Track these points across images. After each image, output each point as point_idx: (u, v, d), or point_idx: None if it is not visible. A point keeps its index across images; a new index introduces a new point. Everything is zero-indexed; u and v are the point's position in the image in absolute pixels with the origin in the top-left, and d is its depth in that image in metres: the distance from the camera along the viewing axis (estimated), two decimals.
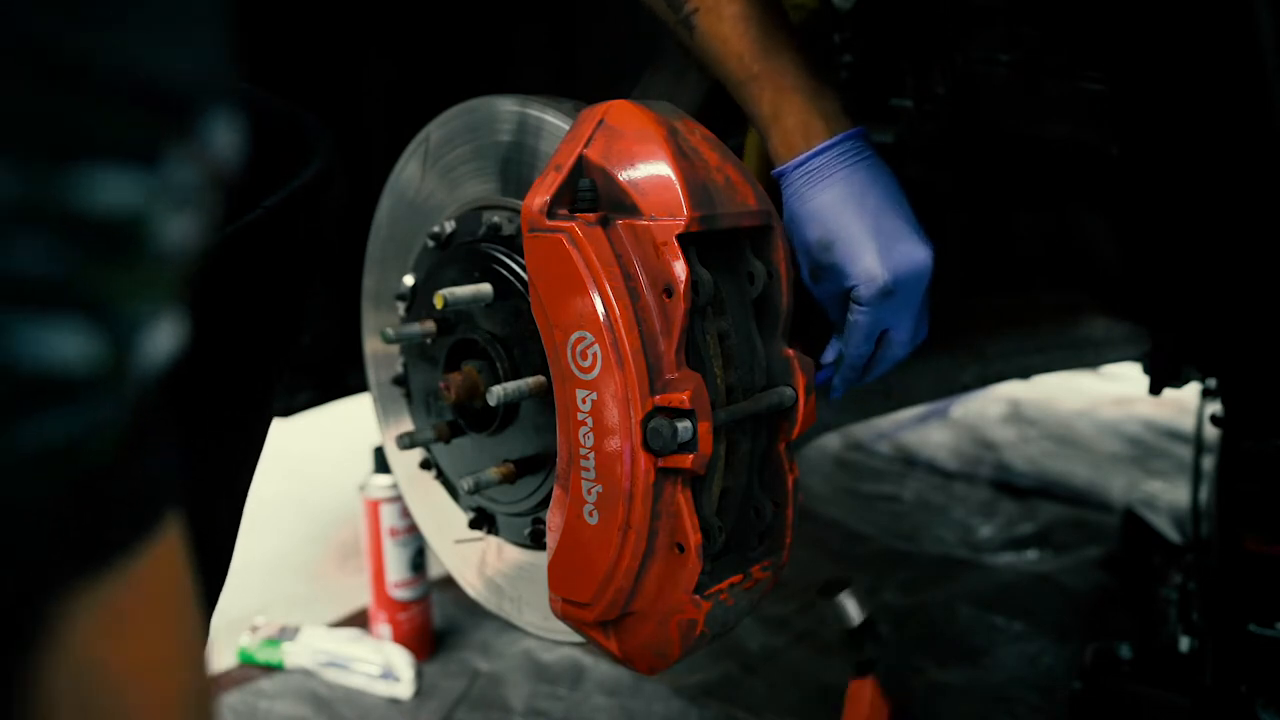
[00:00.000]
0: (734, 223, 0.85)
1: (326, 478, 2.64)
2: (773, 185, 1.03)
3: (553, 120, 0.96)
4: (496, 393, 0.93)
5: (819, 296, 1.00)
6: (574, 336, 0.82)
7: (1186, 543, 2.03)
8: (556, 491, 0.87)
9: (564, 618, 0.89)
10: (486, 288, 0.98)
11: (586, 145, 0.84)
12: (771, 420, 0.91)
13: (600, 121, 0.85)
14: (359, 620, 1.93)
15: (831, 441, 3.08)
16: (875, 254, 0.94)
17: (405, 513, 1.77)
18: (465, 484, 0.99)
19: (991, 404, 3.45)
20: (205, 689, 0.45)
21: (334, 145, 0.83)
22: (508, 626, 1.71)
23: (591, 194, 0.82)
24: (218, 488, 0.83)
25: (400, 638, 1.79)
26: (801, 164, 0.96)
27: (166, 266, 0.32)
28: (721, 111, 1.25)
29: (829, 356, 1.03)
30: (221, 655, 1.82)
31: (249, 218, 0.79)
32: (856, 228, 0.94)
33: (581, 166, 0.85)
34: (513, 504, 1.04)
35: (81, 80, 0.29)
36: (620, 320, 0.79)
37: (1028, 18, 1.27)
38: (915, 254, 0.96)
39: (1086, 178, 1.45)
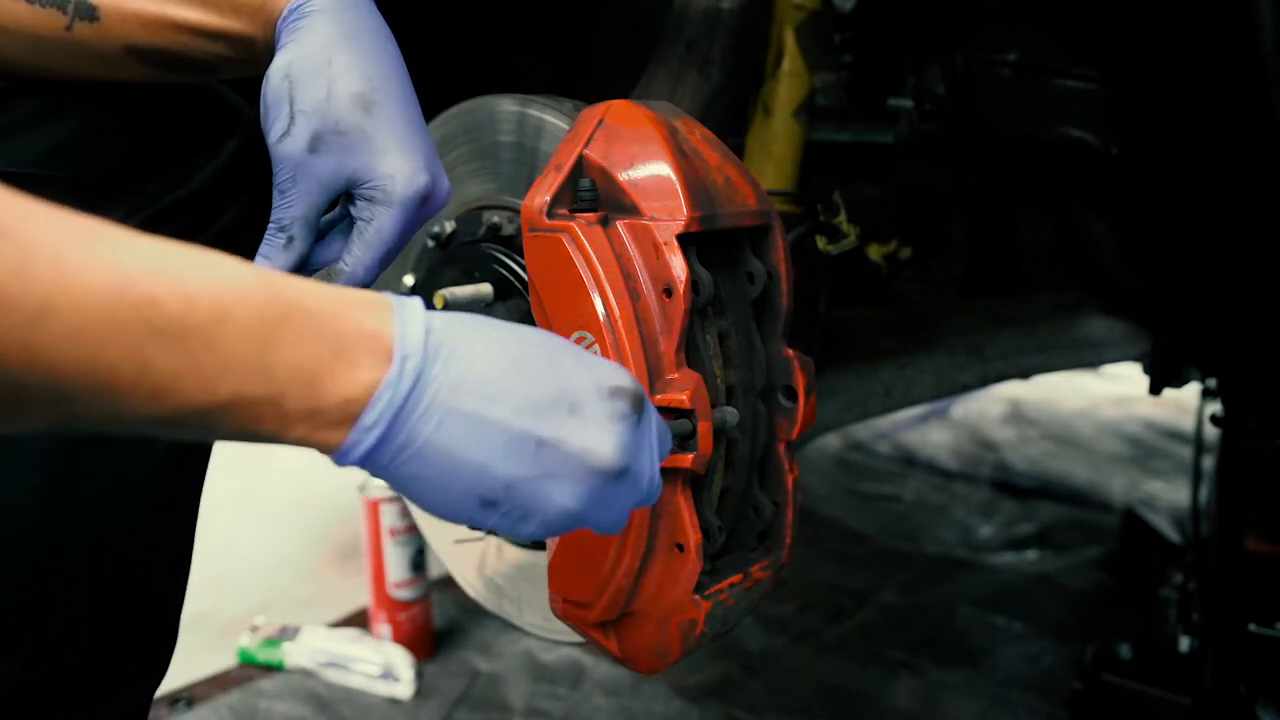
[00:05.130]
0: (734, 223, 0.85)
1: (326, 478, 2.64)
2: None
3: (553, 120, 0.96)
4: None
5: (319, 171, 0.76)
6: (574, 336, 0.82)
7: (1186, 543, 2.04)
8: None
9: (564, 618, 0.89)
10: (486, 288, 0.98)
11: (587, 145, 0.84)
12: (770, 420, 0.91)
13: (600, 121, 0.85)
14: (359, 620, 1.93)
15: (831, 441, 3.08)
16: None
17: (405, 513, 1.77)
18: None
19: (991, 404, 3.45)
20: None
21: (255, 122, 0.82)
22: (508, 626, 1.71)
23: (591, 194, 0.82)
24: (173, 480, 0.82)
25: (400, 638, 1.79)
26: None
27: None
28: (721, 112, 1.25)
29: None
30: (221, 655, 1.82)
31: (167, 199, 0.81)
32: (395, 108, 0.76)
33: (582, 166, 0.85)
34: None
35: None
36: (620, 320, 0.79)
37: (1027, 18, 1.27)
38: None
39: (1086, 178, 1.45)
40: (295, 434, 0.52)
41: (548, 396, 0.58)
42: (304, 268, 0.79)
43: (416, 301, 0.57)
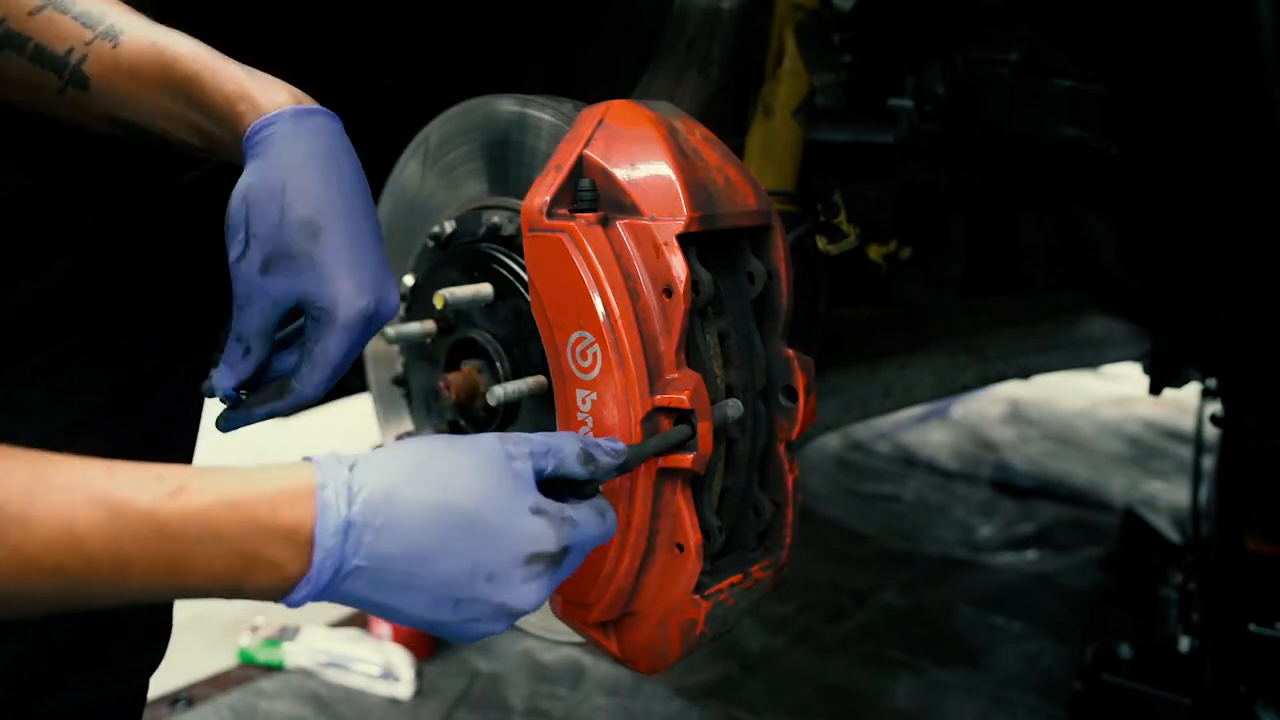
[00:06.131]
0: (734, 223, 0.85)
1: None
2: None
3: (553, 120, 0.96)
4: (497, 393, 0.93)
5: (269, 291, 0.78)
6: (574, 336, 0.82)
7: (1186, 543, 2.04)
8: None
9: (564, 618, 0.89)
10: (486, 288, 0.98)
11: (587, 145, 0.84)
12: (770, 420, 0.91)
13: (600, 121, 0.85)
14: (359, 620, 1.93)
15: (831, 441, 3.08)
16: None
17: None
18: None
19: (991, 404, 3.45)
20: None
21: None
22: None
23: (591, 194, 0.82)
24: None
25: (400, 638, 1.79)
26: (306, 113, 0.78)
27: None
28: (721, 112, 1.25)
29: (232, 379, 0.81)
30: (221, 655, 1.82)
31: (154, 197, 0.86)
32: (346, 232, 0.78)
33: (582, 166, 0.84)
34: None
35: None
36: (620, 320, 0.79)
37: (1027, 18, 1.27)
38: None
39: (1086, 178, 1.45)
40: (231, 598, 0.60)
41: (464, 572, 0.65)
42: (265, 371, 0.83)
43: (339, 477, 0.62)
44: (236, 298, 0.79)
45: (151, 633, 0.90)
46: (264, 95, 0.77)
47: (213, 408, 0.89)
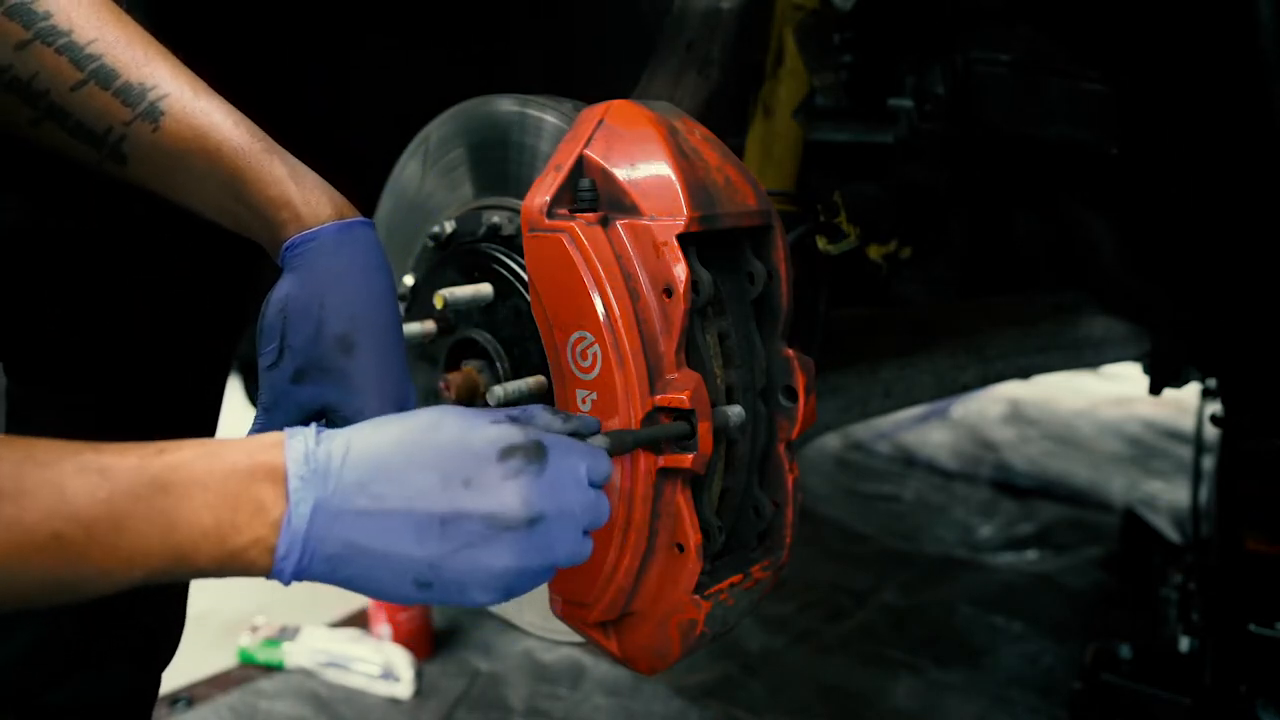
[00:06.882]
0: (734, 223, 0.85)
1: None
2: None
3: (553, 120, 0.96)
4: (496, 393, 0.93)
5: (293, 394, 0.81)
6: (574, 336, 0.82)
7: (1186, 543, 2.04)
8: None
9: (564, 618, 0.89)
10: (486, 288, 0.98)
11: (587, 145, 0.84)
12: (770, 420, 0.91)
13: (600, 121, 0.85)
14: (359, 620, 1.93)
15: (831, 441, 3.08)
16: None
17: None
18: None
19: (991, 404, 3.46)
20: None
21: None
22: (508, 626, 1.71)
23: (591, 194, 0.82)
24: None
25: (400, 638, 1.79)
26: (347, 228, 0.80)
27: None
28: (721, 112, 1.25)
29: None
30: (221, 655, 1.82)
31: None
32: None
33: (581, 166, 0.85)
34: None
35: None
36: (620, 320, 0.79)
37: (1027, 18, 1.27)
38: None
39: (1086, 178, 1.45)
40: (225, 573, 0.61)
41: (437, 478, 0.65)
42: None
43: (307, 430, 0.64)
44: (262, 400, 0.82)
45: (163, 628, 0.91)
46: (307, 206, 0.79)
47: None
